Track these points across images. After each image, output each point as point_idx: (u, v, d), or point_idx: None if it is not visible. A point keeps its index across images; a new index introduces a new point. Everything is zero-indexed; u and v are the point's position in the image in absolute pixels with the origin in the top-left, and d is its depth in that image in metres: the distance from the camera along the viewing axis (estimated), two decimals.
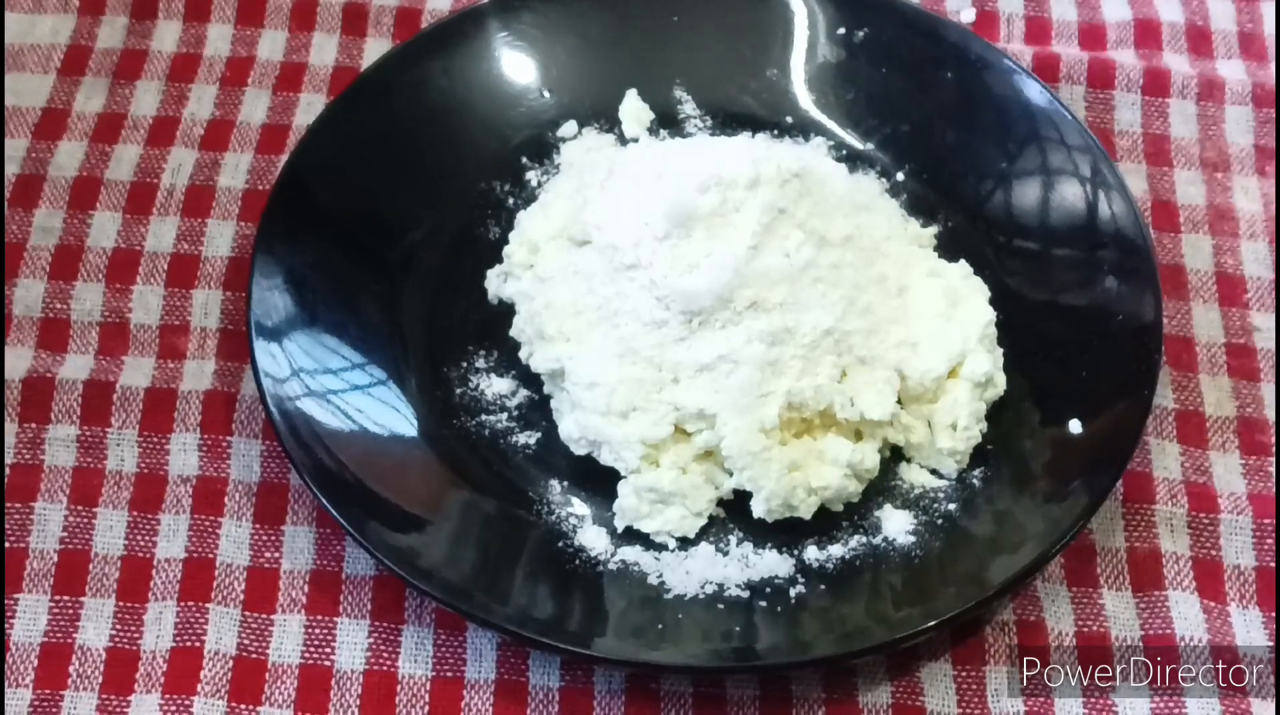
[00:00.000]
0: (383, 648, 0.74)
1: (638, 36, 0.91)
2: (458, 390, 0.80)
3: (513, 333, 0.81)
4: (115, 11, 0.96)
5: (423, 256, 0.84)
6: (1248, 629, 0.75)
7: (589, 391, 0.76)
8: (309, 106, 0.92)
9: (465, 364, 0.81)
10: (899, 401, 0.77)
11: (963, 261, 0.83)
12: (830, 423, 0.76)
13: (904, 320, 0.78)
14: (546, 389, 0.80)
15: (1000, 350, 0.79)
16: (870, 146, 0.89)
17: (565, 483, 0.78)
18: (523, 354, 0.80)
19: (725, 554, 0.75)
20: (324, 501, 0.72)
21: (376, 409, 0.78)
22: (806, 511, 0.75)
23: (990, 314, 0.79)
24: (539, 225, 0.83)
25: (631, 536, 0.76)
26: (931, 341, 0.78)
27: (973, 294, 0.81)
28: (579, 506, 0.77)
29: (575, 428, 0.76)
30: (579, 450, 0.77)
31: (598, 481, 0.77)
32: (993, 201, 0.86)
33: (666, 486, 0.75)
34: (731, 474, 0.75)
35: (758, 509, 0.75)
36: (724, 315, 0.75)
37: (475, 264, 0.85)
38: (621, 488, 0.76)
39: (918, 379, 0.77)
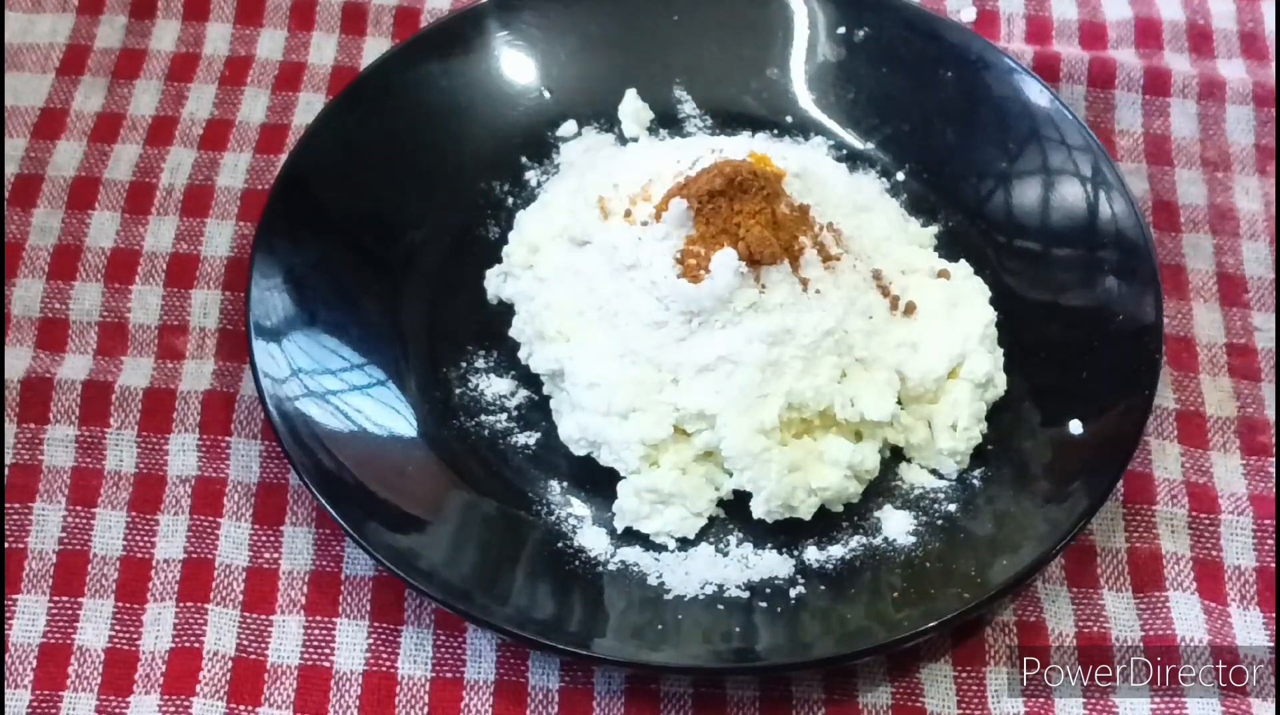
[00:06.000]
0: (382, 648, 0.74)
1: (638, 36, 0.91)
2: (457, 390, 0.80)
3: (512, 333, 0.81)
4: (114, 11, 0.95)
5: (422, 256, 0.84)
6: (1248, 629, 0.75)
7: (589, 392, 0.76)
8: (308, 106, 0.92)
9: (465, 364, 0.81)
10: (899, 402, 0.77)
11: (963, 261, 0.83)
12: (830, 423, 0.76)
13: (904, 321, 0.78)
14: (546, 389, 0.80)
15: (1000, 350, 0.79)
16: (870, 146, 0.89)
17: (565, 483, 0.78)
18: (522, 354, 0.80)
19: (725, 555, 0.75)
20: (323, 502, 0.72)
21: (376, 409, 0.78)
22: (806, 512, 0.75)
23: (990, 314, 0.79)
24: (539, 225, 0.83)
25: (631, 537, 0.76)
26: (931, 342, 0.77)
27: (973, 294, 0.81)
28: (579, 507, 0.77)
29: (575, 428, 0.76)
30: (579, 451, 0.77)
31: (598, 482, 0.77)
32: (993, 201, 0.86)
33: (666, 487, 0.75)
34: (731, 474, 0.75)
35: (757, 510, 0.75)
36: (724, 316, 0.74)
37: (475, 264, 0.84)
38: (621, 488, 0.76)
39: (918, 379, 0.77)
